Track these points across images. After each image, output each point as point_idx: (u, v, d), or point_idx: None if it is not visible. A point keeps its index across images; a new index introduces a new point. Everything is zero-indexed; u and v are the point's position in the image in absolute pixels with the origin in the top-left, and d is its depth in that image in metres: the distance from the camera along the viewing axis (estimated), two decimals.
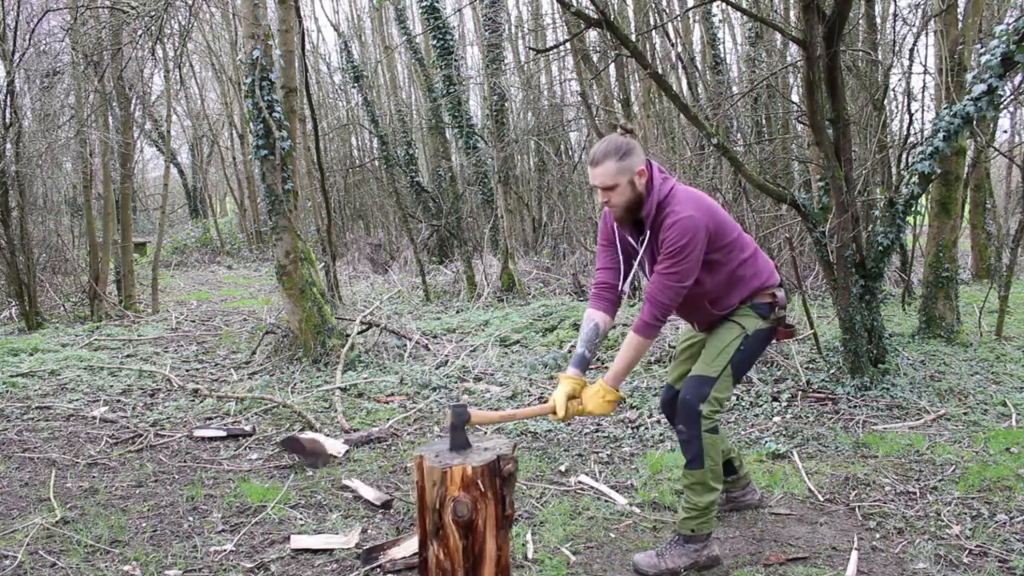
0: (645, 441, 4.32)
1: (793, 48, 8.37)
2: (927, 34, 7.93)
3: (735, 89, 10.34)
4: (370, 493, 3.64)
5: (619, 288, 2.93)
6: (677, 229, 2.63)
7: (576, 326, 6.73)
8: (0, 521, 3.48)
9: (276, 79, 6.34)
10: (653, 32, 9.48)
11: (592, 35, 9.54)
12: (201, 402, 5.47)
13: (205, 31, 18.69)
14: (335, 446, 4.33)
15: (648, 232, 2.75)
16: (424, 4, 12.18)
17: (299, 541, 3.16)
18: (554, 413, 2.70)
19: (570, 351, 6.15)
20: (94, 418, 5.10)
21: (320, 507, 3.59)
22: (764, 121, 9.75)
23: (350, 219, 18.45)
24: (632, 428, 4.54)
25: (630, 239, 2.86)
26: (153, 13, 8.15)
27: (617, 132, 2.76)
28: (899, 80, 8.25)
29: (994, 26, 5.57)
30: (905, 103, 7.59)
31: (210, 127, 22.37)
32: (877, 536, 3.06)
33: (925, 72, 8.84)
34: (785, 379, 5.15)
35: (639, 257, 2.84)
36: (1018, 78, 6.76)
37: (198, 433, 4.70)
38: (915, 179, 4.70)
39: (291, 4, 7.08)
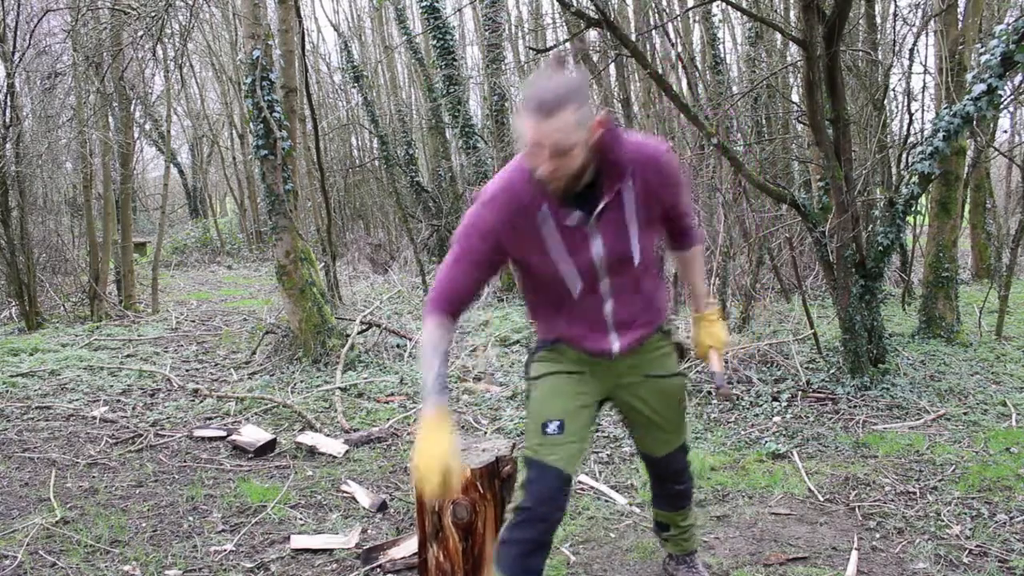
0: None
1: (793, 48, 8.36)
2: (927, 34, 7.94)
3: (735, 89, 10.33)
4: (364, 498, 3.61)
5: (573, 294, 2.13)
6: (671, 161, 2.10)
7: None
8: (0, 521, 3.48)
9: (276, 79, 6.34)
10: (653, 32, 9.47)
11: (592, 35, 9.53)
12: (201, 402, 5.47)
13: (205, 31, 18.68)
14: (334, 446, 4.33)
15: (631, 182, 2.05)
16: (424, 4, 12.18)
17: (299, 541, 3.16)
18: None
19: None
20: (94, 418, 5.10)
21: (320, 507, 3.59)
22: (764, 121, 9.75)
23: (350, 219, 18.44)
24: None
25: (567, 211, 2.05)
26: (154, 14, 8.15)
27: (552, 64, 1.96)
28: (899, 80, 8.25)
29: (994, 26, 5.57)
30: (905, 103, 7.60)
31: (210, 127, 22.34)
32: (877, 536, 3.06)
33: (925, 72, 8.84)
34: (785, 379, 5.15)
35: (598, 230, 2.06)
36: (1018, 78, 6.76)
37: (198, 433, 4.70)
38: (915, 179, 4.69)
39: (291, 4, 7.09)
